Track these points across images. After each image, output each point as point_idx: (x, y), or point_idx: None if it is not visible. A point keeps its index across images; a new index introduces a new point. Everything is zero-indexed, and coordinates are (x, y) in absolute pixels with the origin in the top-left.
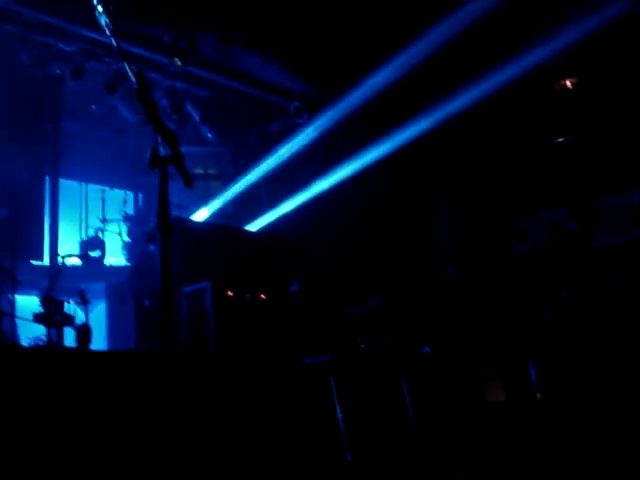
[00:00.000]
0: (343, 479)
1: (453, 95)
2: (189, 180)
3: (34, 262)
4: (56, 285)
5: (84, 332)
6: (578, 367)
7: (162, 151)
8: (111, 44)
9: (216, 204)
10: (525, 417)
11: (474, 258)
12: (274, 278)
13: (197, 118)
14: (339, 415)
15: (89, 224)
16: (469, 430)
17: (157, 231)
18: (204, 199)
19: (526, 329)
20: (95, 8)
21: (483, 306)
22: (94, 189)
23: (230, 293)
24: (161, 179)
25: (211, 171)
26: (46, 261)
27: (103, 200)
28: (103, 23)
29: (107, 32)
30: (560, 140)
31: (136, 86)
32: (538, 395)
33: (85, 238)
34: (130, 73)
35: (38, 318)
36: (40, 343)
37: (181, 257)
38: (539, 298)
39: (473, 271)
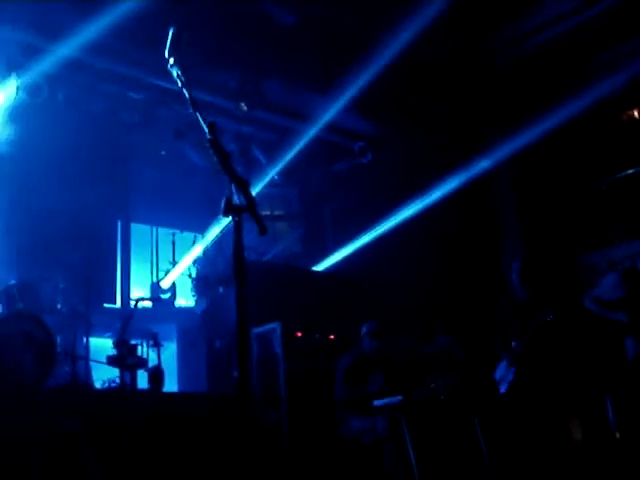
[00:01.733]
0: None
1: (519, 129)
2: (263, 228)
3: (107, 305)
4: (128, 328)
5: (156, 374)
6: None
7: (236, 199)
8: (180, 92)
9: (283, 245)
10: (604, 457)
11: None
12: (344, 318)
13: (264, 161)
14: (412, 459)
15: (160, 267)
16: (548, 471)
17: (228, 273)
18: (272, 240)
19: (604, 365)
20: (167, 61)
21: (563, 343)
22: (164, 232)
23: (299, 334)
24: (236, 226)
25: (277, 212)
26: (118, 304)
27: (173, 243)
28: (175, 75)
29: (179, 84)
30: (630, 172)
31: (209, 136)
32: (617, 434)
33: (156, 281)
34: (202, 123)
35: (111, 361)
36: (113, 385)
37: (252, 299)
38: (620, 335)
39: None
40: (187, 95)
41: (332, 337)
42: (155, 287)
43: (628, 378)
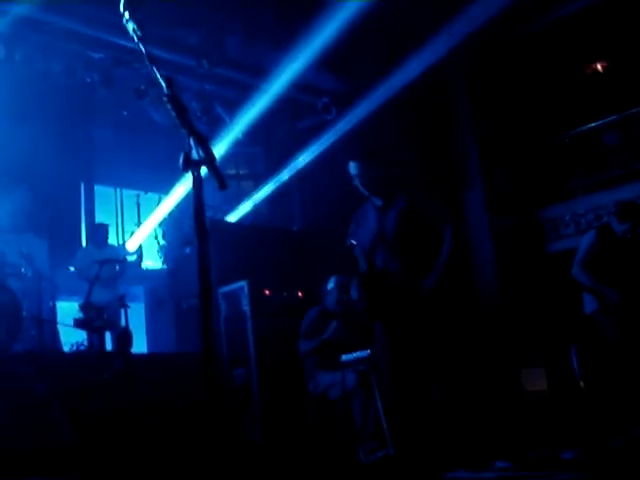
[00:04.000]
0: (387, 472)
1: (482, 84)
2: (223, 183)
3: (72, 268)
4: (94, 290)
5: (124, 336)
6: (622, 354)
7: (195, 154)
8: (139, 50)
9: (249, 204)
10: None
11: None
12: (310, 276)
13: (227, 119)
14: (380, 410)
15: (125, 229)
16: (512, 419)
17: (193, 234)
18: (236, 199)
19: (568, 318)
20: (122, 15)
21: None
22: (128, 194)
23: (267, 292)
24: (195, 182)
25: (243, 171)
26: None
27: (138, 204)
28: (131, 30)
29: (135, 39)
30: (593, 125)
31: (167, 91)
32: (581, 383)
33: (122, 243)
34: (160, 79)
35: (78, 324)
36: (81, 348)
37: (217, 258)
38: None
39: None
40: (143, 50)
41: (300, 294)
42: (121, 249)
43: (588, 331)
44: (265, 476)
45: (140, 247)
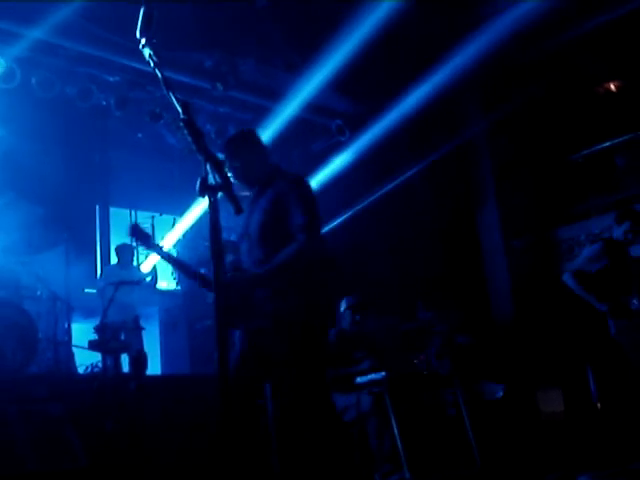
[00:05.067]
0: None
1: (496, 104)
2: (239, 208)
3: (87, 290)
4: (109, 312)
5: (139, 358)
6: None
7: (211, 179)
8: (154, 74)
9: None
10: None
11: (527, 267)
12: None
13: None
14: (396, 432)
15: (140, 250)
16: (527, 441)
17: (208, 255)
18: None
19: (586, 337)
20: (139, 41)
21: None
22: (143, 215)
23: None
24: (211, 207)
25: None
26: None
27: (153, 226)
28: (147, 56)
29: (151, 64)
30: (607, 145)
31: (183, 116)
32: (598, 405)
33: (136, 264)
34: (176, 103)
35: (93, 345)
36: (96, 370)
37: None
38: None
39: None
40: (160, 75)
41: None
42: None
43: (609, 352)
44: None
45: (154, 268)
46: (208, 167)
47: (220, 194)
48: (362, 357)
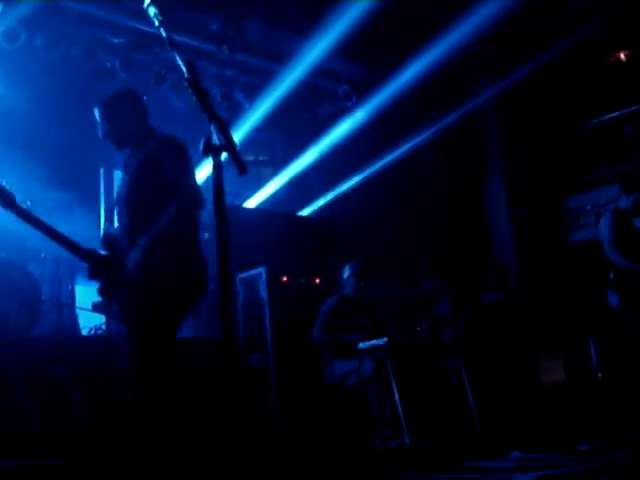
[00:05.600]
0: (403, 460)
1: (505, 71)
2: (243, 168)
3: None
4: None
5: None
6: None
7: (215, 139)
8: (159, 35)
9: (268, 190)
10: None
11: (532, 236)
12: (328, 262)
13: (247, 105)
14: (397, 398)
15: None
16: (528, 410)
17: (213, 219)
18: (256, 186)
19: (588, 307)
20: (143, 1)
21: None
22: None
23: (285, 278)
24: (215, 167)
25: (262, 157)
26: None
27: None
28: (152, 14)
29: (156, 23)
30: (615, 115)
31: (187, 75)
32: (600, 375)
33: None
34: (181, 63)
35: (97, 308)
36: (99, 332)
37: (235, 244)
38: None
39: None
40: (164, 35)
41: (317, 281)
42: None
43: (610, 324)
44: (281, 462)
45: None
46: (212, 127)
47: (224, 154)
48: (364, 323)
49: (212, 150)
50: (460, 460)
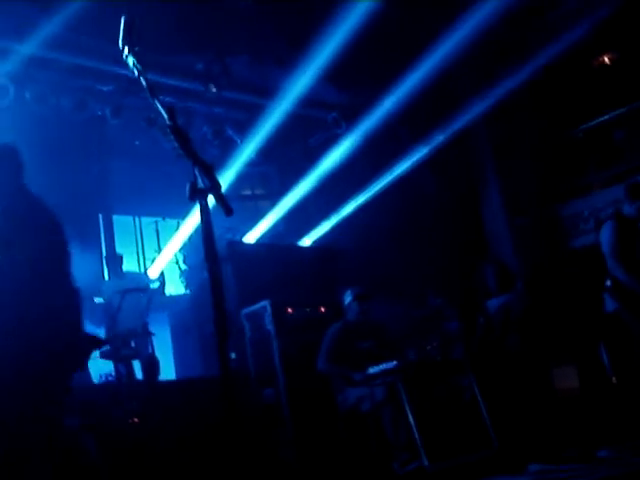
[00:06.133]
0: None
1: (492, 83)
2: (229, 209)
3: (96, 299)
4: (118, 320)
5: (150, 363)
6: None
7: (200, 183)
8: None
9: (267, 223)
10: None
11: (533, 245)
12: (332, 290)
13: (239, 141)
14: (411, 420)
15: (146, 256)
16: (544, 420)
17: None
18: (255, 219)
19: (596, 312)
20: (122, 51)
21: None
22: (147, 221)
23: (290, 310)
24: (202, 211)
25: (259, 191)
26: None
27: (157, 231)
28: (131, 64)
29: (135, 73)
30: (605, 118)
31: (169, 122)
32: (613, 379)
33: (143, 271)
34: (162, 110)
35: (105, 354)
36: (110, 379)
37: (238, 280)
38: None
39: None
40: (144, 83)
41: (322, 309)
42: (143, 277)
43: (614, 327)
44: None
45: (162, 274)
46: (196, 171)
47: (210, 197)
48: (369, 347)
49: (198, 194)
50: (479, 477)
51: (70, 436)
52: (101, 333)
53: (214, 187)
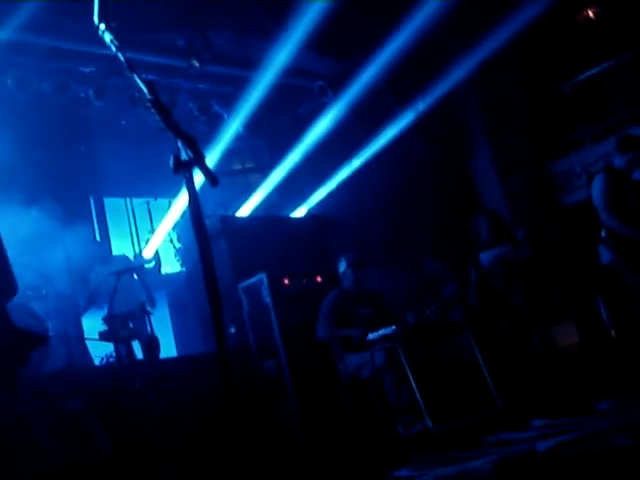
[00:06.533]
0: (427, 444)
1: (477, 44)
2: (214, 180)
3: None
4: (115, 301)
5: (150, 342)
6: None
7: (184, 155)
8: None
9: (259, 196)
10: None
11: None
12: (328, 259)
13: (225, 116)
14: (413, 384)
15: (140, 237)
16: (545, 376)
17: (210, 230)
18: (246, 193)
19: (589, 269)
20: (98, 27)
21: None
22: (138, 202)
23: (286, 281)
24: (187, 183)
25: (249, 165)
26: None
27: (149, 211)
28: (108, 41)
29: (113, 49)
30: (592, 72)
31: (149, 96)
32: (612, 332)
33: (138, 252)
34: (141, 84)
35: (104, 336)
36: (111, 360)
37: (234, 254)
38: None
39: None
40: (122, 59)
41: (319, 279)
42: (138, 258)
43: (610, 280)
44: (307, 462)
45: (157, 253)
46: (179, 144)
47: (195, 168)
48: (367, 314)
49: (182, 166)
50: (483, 435)
51: (74, 418)
52: (97, 319)
53: (198, 158)
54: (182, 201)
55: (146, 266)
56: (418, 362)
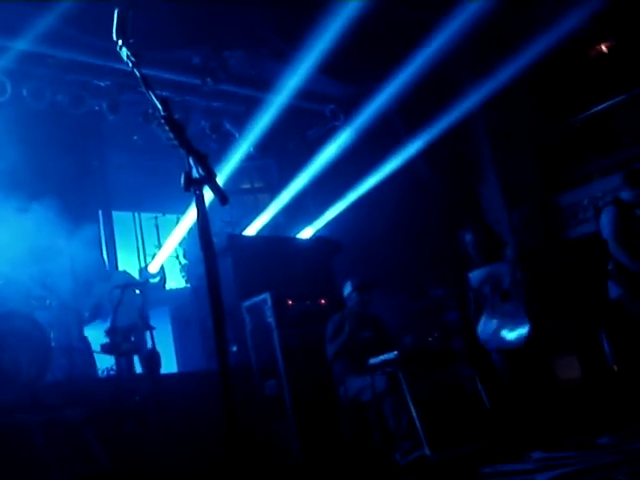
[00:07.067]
0: (424, 472)
1: (490, 73)
2: (224, 198)
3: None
4: (119, 315)
5: (151, 357)
6: None
7: (195, 173)
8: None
9: (267, 216)
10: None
11: (532, 236)
12: (332, 282)
13: (237, 135)
14: (412, 410)
15: (147, 252)
16: (546, 409)
17: (217, 249)
18: (255, 212)
19: (596, 301)
20: (116, 43)
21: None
22: (146, 217)
23: (290, 302)
24: (197, 201)
25: (258, 184)
26: None
27: (157, 227)
28: (125, 57)
29: (129, 65)
30: (602, 107)
31: (163, 113)
32: (615, 367)
33: (144, 266)
34: (156, 101)
35: (105, 349)
36: (112, 373)
37: (239, 272)
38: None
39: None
40: (138, 74)
41: (323, 301)
42: (143, 272)
43: (616, 315)
44: None
45: (162, 268)
46: (191, 161)
47: (205, 186)
48: (369, 337)
49: (193, 184)
50: (481, 466)
51: (72, 430)
52: (100, 330)
53: (209, 176)
54: (190, 218)
55: (151, 281)
56: (419, 388)
